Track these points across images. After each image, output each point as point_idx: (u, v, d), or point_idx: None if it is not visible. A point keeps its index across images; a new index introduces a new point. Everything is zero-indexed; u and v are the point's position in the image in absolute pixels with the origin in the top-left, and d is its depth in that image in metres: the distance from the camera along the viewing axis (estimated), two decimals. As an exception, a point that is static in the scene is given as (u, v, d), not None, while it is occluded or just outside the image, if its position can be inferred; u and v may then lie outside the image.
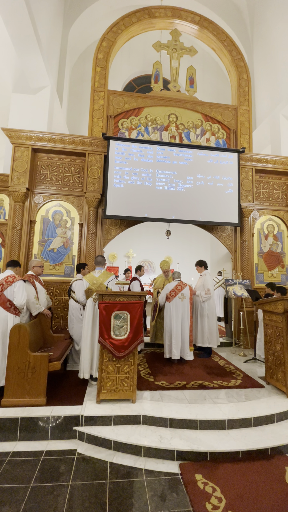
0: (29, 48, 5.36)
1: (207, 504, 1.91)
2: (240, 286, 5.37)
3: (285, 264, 6.16)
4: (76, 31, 8.04)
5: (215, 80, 9.81)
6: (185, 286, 4.56)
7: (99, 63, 5.81)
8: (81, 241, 5.43)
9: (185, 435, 2.59)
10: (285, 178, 6.33)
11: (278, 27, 6.90)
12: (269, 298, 3.69)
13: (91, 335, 3.45)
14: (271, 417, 2.86)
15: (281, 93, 6.84)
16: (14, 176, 5.14)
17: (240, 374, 3.94)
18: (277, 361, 3.46)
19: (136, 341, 3.06)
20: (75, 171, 5.57)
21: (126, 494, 2.01)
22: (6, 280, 3.27)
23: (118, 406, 2.90)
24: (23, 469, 2.22)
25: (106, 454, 2.45)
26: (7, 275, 3.33)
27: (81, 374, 3.42)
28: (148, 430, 2.65)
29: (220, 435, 2.62)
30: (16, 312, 3.28)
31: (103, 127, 5.61)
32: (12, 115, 6.10)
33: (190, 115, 6.02)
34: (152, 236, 10.94)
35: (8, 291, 3.25)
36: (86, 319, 3.52)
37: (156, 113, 5.90)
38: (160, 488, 2.07)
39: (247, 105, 6.24)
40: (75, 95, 8.95)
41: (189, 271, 9.07)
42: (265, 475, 2.21)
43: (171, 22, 6.33)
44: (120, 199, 5.40)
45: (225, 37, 6.38)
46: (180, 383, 3.56)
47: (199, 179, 5.75)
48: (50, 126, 6.38)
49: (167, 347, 4.42)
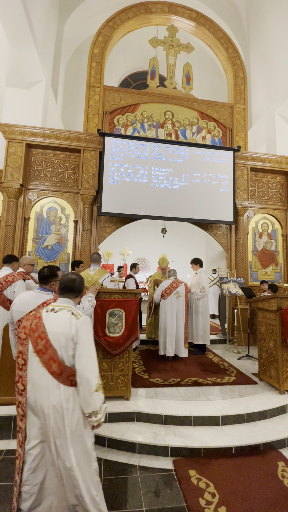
0: (24, 41, 5.26)
1: (201, 499, 1.93)
2: (235, 284, 5.41)
3: (279, 262, 6.22)
4: (71, 25, 7.92)
5: (212, 78, 9.79)
6: (180, 284, 4.57)
7: (94, 58, 5.74)
8: (76, 239, 5.39)
9: (179, 432, 2.61)
10: (279, 177, 6.37)
11: (275, 26, 6.90)
12: (263, 296, 3.72)
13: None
14: (264, 413, 2.90)
15: (277, 92, 6.86)
16: (8, 172, 5.07)
17: (234, 371, 3.98)
18: (270, 358, 3.50)
19: (131, 338, 3.06)
20: (70, 167, 5.52)
21: (121, 490, 2.01)
22: (5, 280, 3.23)
23: (112, 403, 2.90)
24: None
25: (100, 451, 2.45)
26: (6, 274, 3.29)
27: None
28: (142, 427, 2.66)
29: (213, 431, 2.65)
30: None
31: (99, 123, 5.55)
32: (6, 110, 6.00)
33: (186, 113, 6.01)
34: (148, 234, 10.92)
35: (8, 290, 3.22)
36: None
37: (152, 110, 5.86)
38: (154, 484, 2.09)
39: (243, 104, 6.25)
40: (70, 90, 8.83)
41: (185, 269, 9.10)
42: (258, 471, 2.24)
43: (168, 18, 6.28)
44: (115, 196, 5.37)
45: (222, 34, 6.36)
46: (175, 380, 3.58)
47: (195, 177, 5.75)
48: (44, 122, 6.29)
49: (161, 344, 4.44)
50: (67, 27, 7.75)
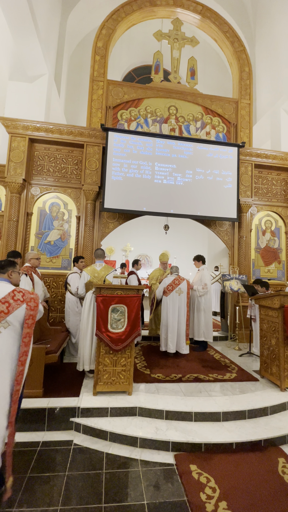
0: (27, 34, 5.20)
1: (201, 494, 1.94)
2: (237, 281, 5.39)
3: (281, 260, 6.19)
4: (75, 18, 7.81)
5: (216, 73, 9.66)
6: (182, 280, 4.57)
7: (98, 51, 5.67)
8: (79, 234, 5.38)
9: (180, 427, 2.63)
10: (284, 174, 6.31)
11: (281, 21, 6.78)
12: (266, 293, 3.71)
13: (92, 327, 3.44)
14: (265, 409, 2.91)
15: (282, 88, 6.76)
16: (11, 166, 5.05)
17: (235, 368, 3.99)
18: (271, 355, 3.50)
19: (133, 334, 3.07)
20: (73, 162, 5.49)
21: (122, 484, 2.04)
22: None
23: (114, 398, 2.92)
24: (19, 460, 2.23)
25: (103, 445, 2.47)
26: None
27: (80, 366, 3.42)
28: (144, 422, 2.68)
29: (214, 427, 2.66)
30: None
31: (102, 118, 5.51)
32: (9, 104, 5.96)
33: (190, 108, 5.94)
34: (150, 230, 10.89)
35: None
36: (86, 312, 3.51)
37: (156, 104, 5.80)
38: (155, 478, 2.11)
39: (248, 99, 6.17)
40: (73, 84, 8.76)
41: (187, 265, 9.08)
42: (259, 466, 2.25)
43: (173, 11, 6.18)
44: (118, 192, 5.35)
45: (228, 28, 6.25)
46: (176, 376, 3.59)
47: (199, 173, 5.71)
48: (47, 116, 6.25)
49: (163, 340, 4.45)
50: (71, 20, 7.65)
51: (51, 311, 5.09)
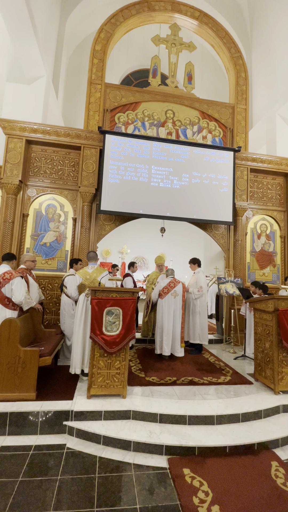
0: (25, 36, 5.21)
1: (194, 498, 1.94)
2: (232, 284, 5.42)
3: (276, 264, 6.24)
4: (73, 21, 7.86)
5: (213, 78, 9.76)
6: (178, 283, 4.58)
7: (96, 54, 5.71)
8: (75, 236, 5.37)
9: (174, 430, 2.62)
10: (279, 179, 6.38)
11: (278, 27, 6.89)
12: (261, 296, 3.74)
13: (83, 330, 3.44)
14: (258, 413, 2.92)
15: (278, 93, 6.86)
16: (7, 167, 5.04)
17: (230, 371, 4.00)
18: (266, 359, 3.52)
19: (128, 337, 3.06)
20: (70, 164, 5.49)
21: (115, 488, 2.02)
22: (3, 277, 3.26)
23: (108, 401, 2.91)
24: (11, 464, 2.21)
25: (96, 448, 2.46)
26: (3, 272, 3.31)
27: (72, 369, 3.41)
28: (137, 425, 2.67)
29: (208, 430, 2.66)
30: (15, 308, 3.33)
31: (99, 121, 5.53)
32: (6, 105, 5.95)
33: (187, 112, 5.99)
34: (146, 232, 10.90)
35: (6, 288, 3.26)
36: (78, 315, 3.51)
37: (153, 108, 5.85)
38: (148, 482, 2.10)
39: (244, 104, 6.24)
40: (71, 87, 8.78)
41: (183, 268, 9.10)
42: (252, 470, 2.25)
43: (171, 16, 6.25)
44: (115, 194, 5.36)
45: (225, 34, 6.34)
46: (171, 379, 3.59)
47: (195, 176, 5.75)
48: (45, 118, 6.25)
49: (158, 343, 4.44)
50: (69, 23, 7.69)
51: (46, 313, 5.07)
